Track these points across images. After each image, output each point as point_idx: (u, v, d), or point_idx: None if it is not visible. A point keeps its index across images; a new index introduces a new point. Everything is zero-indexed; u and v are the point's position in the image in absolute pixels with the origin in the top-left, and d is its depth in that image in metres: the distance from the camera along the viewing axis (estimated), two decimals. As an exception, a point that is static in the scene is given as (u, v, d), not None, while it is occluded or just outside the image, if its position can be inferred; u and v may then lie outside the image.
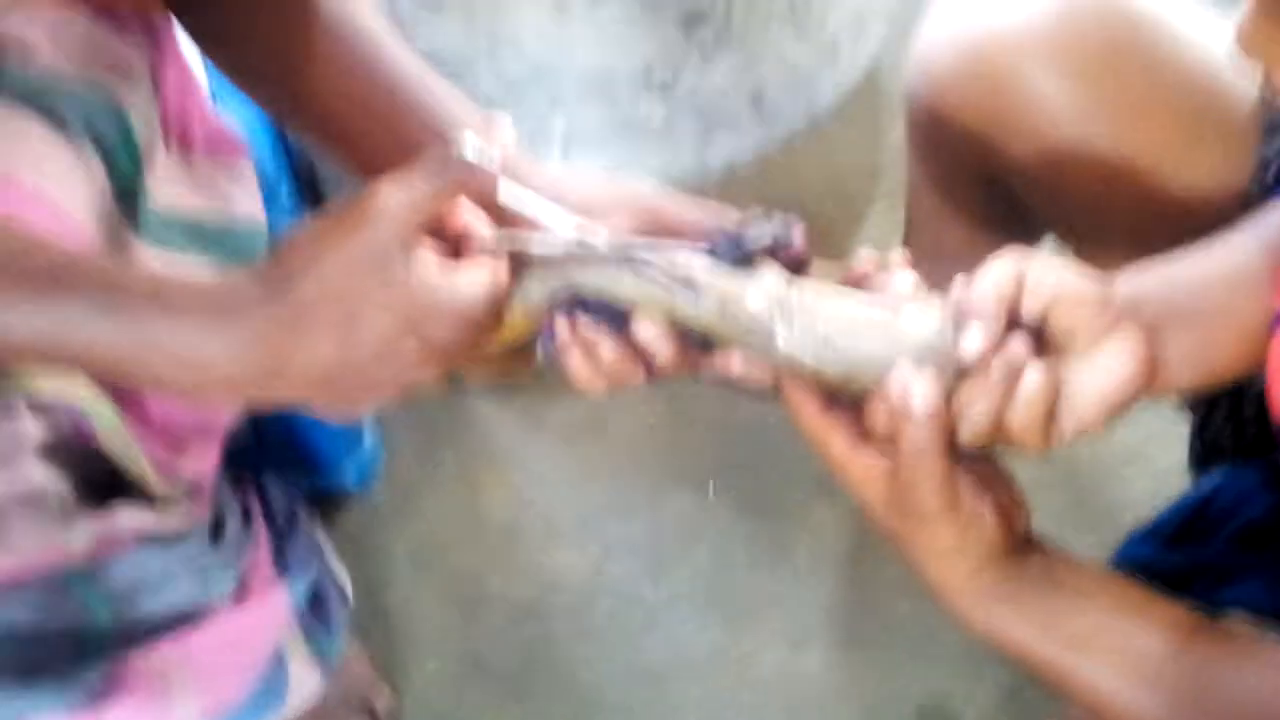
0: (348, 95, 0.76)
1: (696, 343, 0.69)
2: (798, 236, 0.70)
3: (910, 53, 0.97)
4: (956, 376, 0.68)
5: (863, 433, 0.70)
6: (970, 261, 0.71)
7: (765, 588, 1.29)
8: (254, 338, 0.61)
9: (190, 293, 0.62)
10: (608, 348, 0.69)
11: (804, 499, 1.31)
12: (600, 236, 0.67)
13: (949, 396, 0.68)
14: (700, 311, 0.68)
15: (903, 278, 0.71)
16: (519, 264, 0.67)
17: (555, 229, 0.68)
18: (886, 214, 1.46)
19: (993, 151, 0.93)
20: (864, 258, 0.72)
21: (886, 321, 0.69)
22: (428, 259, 0.63)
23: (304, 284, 0.61)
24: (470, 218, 0.67)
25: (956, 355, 0.67)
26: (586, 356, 0.70)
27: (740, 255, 0.68)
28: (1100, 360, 0.70)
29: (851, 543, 1.30)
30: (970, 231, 1.06)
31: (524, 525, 1.32)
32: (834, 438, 0.70)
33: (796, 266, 0.70)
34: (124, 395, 0.73)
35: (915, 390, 0.66)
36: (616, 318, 0.68)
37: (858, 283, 0.71)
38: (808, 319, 0.68)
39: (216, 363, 0.61)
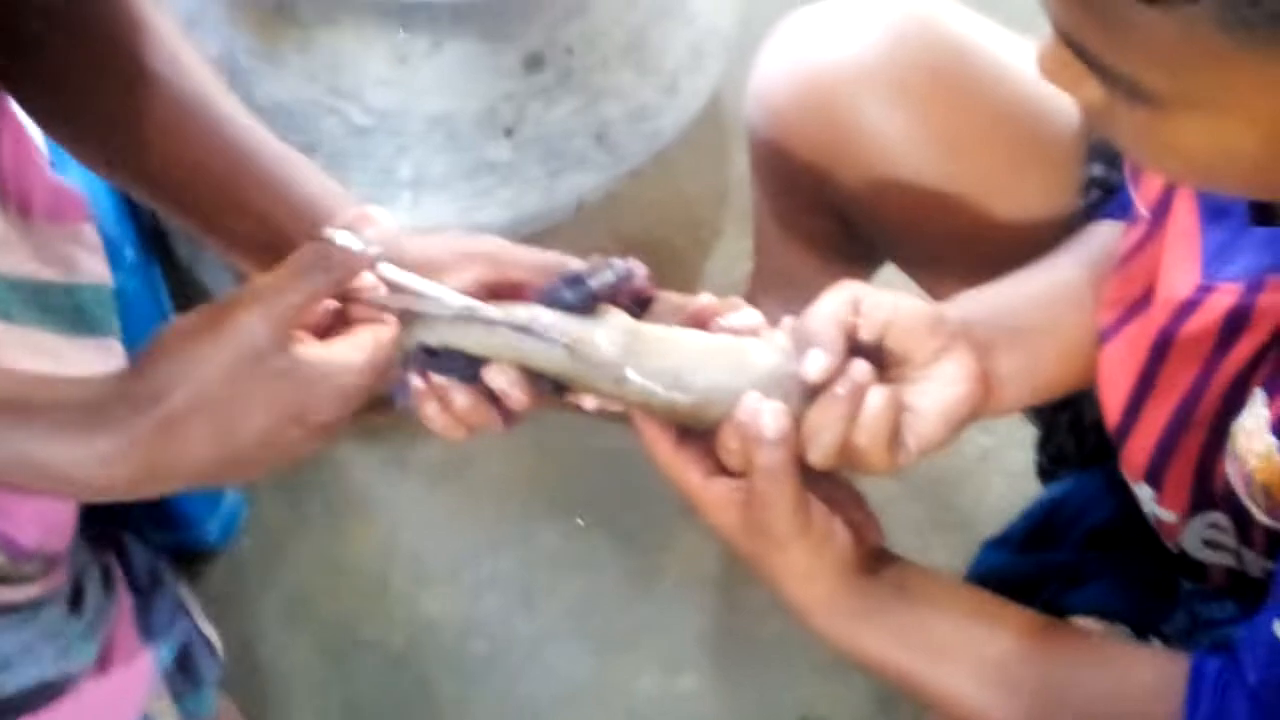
0: (187, 163, 0.75)
1: (549, 387, 0.70)
2: (640, 276, 0.71)
3: (747, 85, 0.99)
4: (804, 402, 0.70)
5: (716, 464, 0.71)
6: (817, 290, 0.73)
7: (638, 615, 1.30)
8: (126, 451, 0.60)
9: (57, 405, 0.61)
10: (461, 396, 0.70)
11: (671, 525, 1.32)
12: (447, 294, 0.68)
13: (797, 421, 0.70)
14: (550, 359, 0.69)
15: (745, 314, 0.73)
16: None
17: (436, 302, 0.68)
18: (736, 240, 1.49)
19: (829, 181, 0.95)
20: (704, 299, 0.73)
21: (733, 352, 0.71)
22: (303, 348, 0.62)
23: (174, 395, 0.60)
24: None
25: (800, 380, 0.69)
26: (441, 406, 0.70)
27: (585, 299, 0.69)
28: (936, 379, 0.72)
29: (720, 566, 1.32)
30: (816, 260, 1.08)
31: (394, 570, 1.31)
32: (689, 471, 0.72)
33: (642, 304, 0.72)
34: None
35: (764, 416, 0.68)
36: (468, 367, 0.69)
37: (701, 323, 0.73)
38: (656, 357, 0.70)
39: (88, 475, 0.60)
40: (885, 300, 0.72)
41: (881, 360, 0.72)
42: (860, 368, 0.70)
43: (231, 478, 0.63)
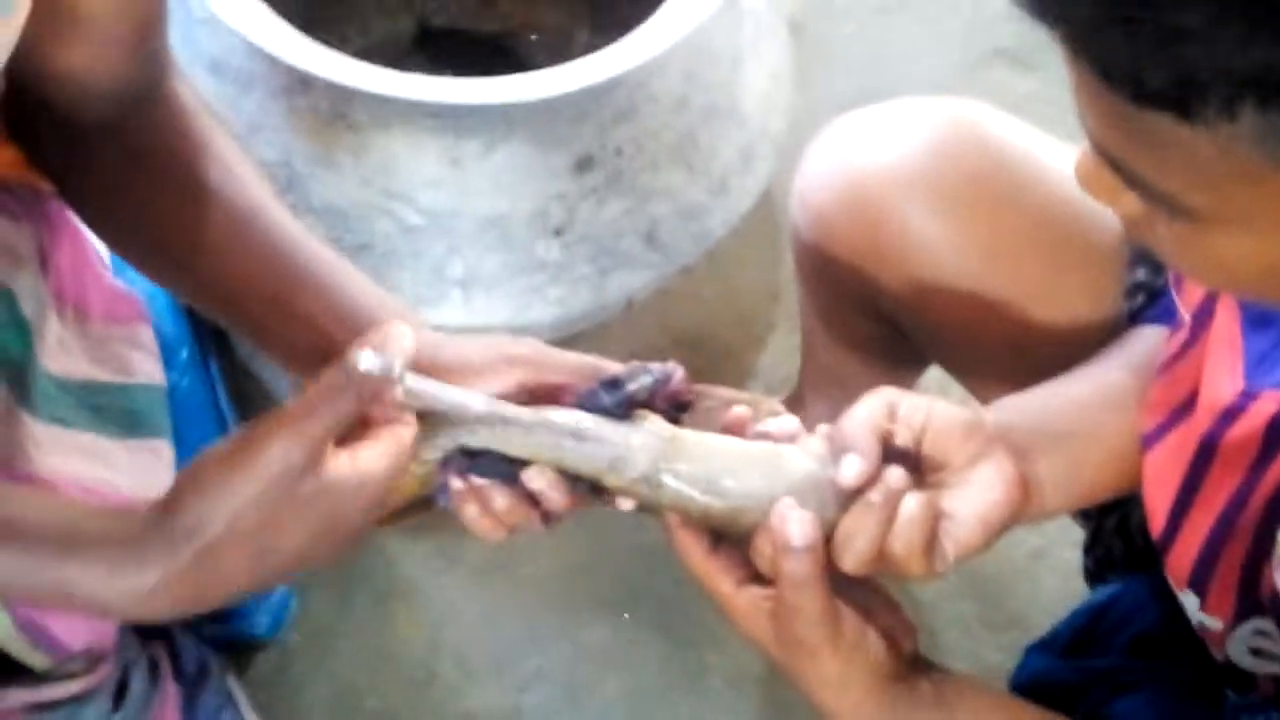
0: (241, 275, 0.76)
1: (586, 489, 0.71)
2: (677, 379, 0.72)
3: (792, 189, 1.01)
4: (839, 508, 0.70)
5: (750, 571, 0.71)
6: (864, 390, 0.74)
7: (683, 712, 1.29)
8: (166, 584, 0.61)
9: (97, 540, 0.62)
10: (501, 498, 0.70)
11: (717, 623, 1.22)
12: (474, 399, 0.69)
13: (832, 528, 0.70)
14: (586, 462, 0.70)
15: (783, 420, 0.73)
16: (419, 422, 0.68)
17: (466, 411, 0.69)
18: (788, 336, 1.48)
19: (872, 285, 0.96)
20: (741, 407, 0.74)
21: (768, 458, 0.71)
22: (332, 463, 0.62)
23: (210, 528, 0.60)
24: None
25: (836, 486, 0.70)
26: (482, 508, 0.71)
27: (622, 403, 0.70)
28: (973, 484, 0.73)
29: (764, 665, 1.29)
30: (861, 360, 1.09)
31: (440, 663, 1.31)
32: (720, 578, 0.72)
33: (680, 407, 0.73)
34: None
35: (792, 523, 0.68)
36: (508, 468, 0.70)
37: (738, 430, 0.73)
38: (692, 461, 0.70)
39: (130, 607, 0.61)
40: (921, 405, 0.72)
41: (919, 466, 0.72)
42: (895, 474, 0.70)
43: (265, 589, 0.65)
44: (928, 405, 0.72)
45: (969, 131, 0.91)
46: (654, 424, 0.71)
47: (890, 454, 0.71)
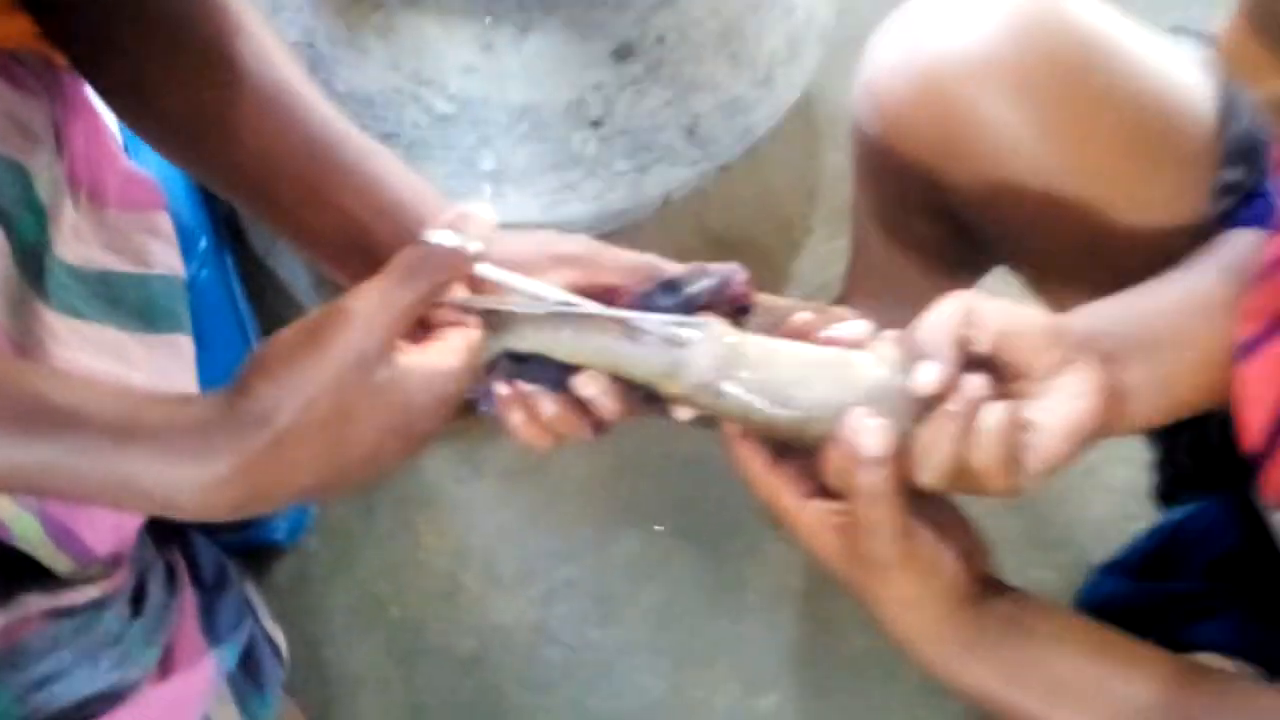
0: (272, 157, 0.72)
1: (641, 397, 0.67)
2: (739, 281, 0.68)
3: (855, 79, 0.94)
4: (914, 419, 0.66)
5: (814, 485, 0.68)
6: (920, 299, 0.69)
7: (718, 629, 1.26)
8: (233, 477, 0.57)
9: (166, 429, 0.57)
10: (550, 404, 0.67)
11: (754, 535, 1.29)
12: (548, 290, 0.65)
13: (906, 440, 0.66)
14: (644, 367, 0.66)
15: (852, 325, 0.69)
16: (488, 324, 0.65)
17: (533, 300, 0.65)
18: (826, 240, 1.45)
19: (941, 181, 0.90)
20: (805, 315, 0.70)
21: (838, 365, 0.67)
22: (404, 356, 0.60)
23: (282, 413, 0.57)
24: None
25: (911, 395, 0.65)
26: (529, 415, 0.68)
27: (682, 306, 0.66)
28: (1057, 394, 0.68)
29: (804, 579, 1.28)
30: (918, 265, 1.03)
31: (464, 573, 1.28)
32: (784, 491, 0.68)
33: (740, 310, 0.69)
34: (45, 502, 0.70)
35: (867, 433, 0.64)
36: (557, 374, 0.66)
37: (803, 338, 0.69)
38: (756, 369, 0.66)
39: (192, 501, 0.58)
40: (1001, 310, 0.67)
41: (998, 375, 0.67)
42: (974, 382, 0.65)
43: (328, 496, 0.61)
44: (1008, 310, 0.67)
45: (1053, 16, 0.84)
46: (716, 327, 0.66)
47: (968, 362, 0.66)
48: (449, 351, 0.61)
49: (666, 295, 0.66)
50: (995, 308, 0.67)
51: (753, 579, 1.29)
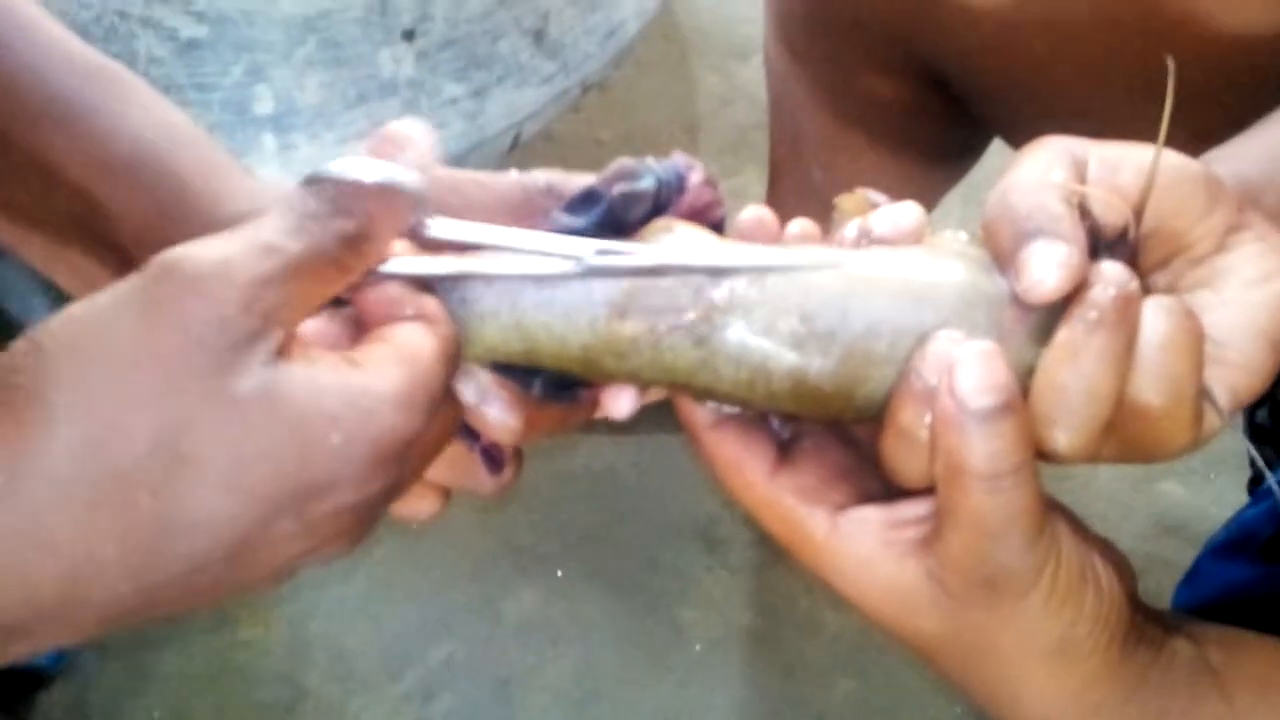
0: None
1: (542, 384, 0.48)
2: (697, 182, 0.50)
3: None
4: (1028, 346, 0.47)
5: (857, 489, 0.49)
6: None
7: (654, 697, 1.09)
8: None
9: None
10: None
11: (683, 563, 1.14)
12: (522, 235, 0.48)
13: (1024, 379, 0.46)
14: (568, 330, 0.47)
15: (901, 211, 0.49)
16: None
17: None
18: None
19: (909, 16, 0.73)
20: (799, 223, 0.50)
21: (897, 271, 0.47)
22: (311, 361, 0.41)
23: (55, 445, 0.37)
24: None
25: (1014, 308, 0.46)
26: None
27: (606, 224, 0.49)
28: (1233, 277, 0.50)
29: (755, 611, 1.12)
30: (879, 152, 0.90)
31: (307, 675, 1.11)
32: (804, 506, 0.49)
33: (713, 229, 0.51)
34: None
35: (973, 368, 0.44)
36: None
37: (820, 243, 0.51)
38: (769, 297, 0.47)
39: None
40: (1129, 156, 0.49)
41: (1136, 257, 0.49)
42: (1117, 272, 0.46)
43: (121, 625, 0.40)
44: (1139, 154, 0.49)
45: None
46: (684, 232, 0.48)
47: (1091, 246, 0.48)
48: (393, 360, 0.43)
49: (577, 213, 0.49)
50: (1120, 152, 0.50)
51: (690, 623, 1.13)
